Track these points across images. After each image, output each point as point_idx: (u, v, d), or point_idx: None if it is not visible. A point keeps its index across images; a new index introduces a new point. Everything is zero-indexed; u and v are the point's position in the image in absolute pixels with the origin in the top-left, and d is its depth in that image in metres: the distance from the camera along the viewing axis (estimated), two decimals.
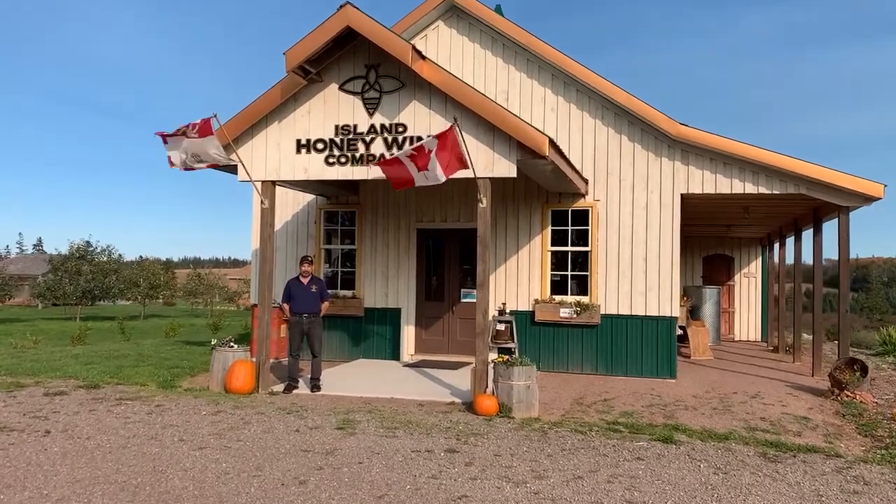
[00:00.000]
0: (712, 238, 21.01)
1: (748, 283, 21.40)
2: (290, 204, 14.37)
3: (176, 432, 7.62)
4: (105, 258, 44.74)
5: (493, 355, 10.85)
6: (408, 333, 13.67)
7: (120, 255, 48.92)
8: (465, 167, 8.85)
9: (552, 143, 9.29)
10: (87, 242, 45.09)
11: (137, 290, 47.51)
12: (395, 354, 13.63)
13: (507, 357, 9.27)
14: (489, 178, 9.48)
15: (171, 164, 9.69)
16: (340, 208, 14.20)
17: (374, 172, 9.96)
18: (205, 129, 9.43)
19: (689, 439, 7.79)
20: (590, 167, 12.54)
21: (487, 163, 9.44)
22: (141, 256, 72.99)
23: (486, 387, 9.24)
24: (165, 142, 9.51)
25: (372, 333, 13.81)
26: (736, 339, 20.99)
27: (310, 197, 14.22)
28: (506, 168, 9.42)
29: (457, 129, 8.58)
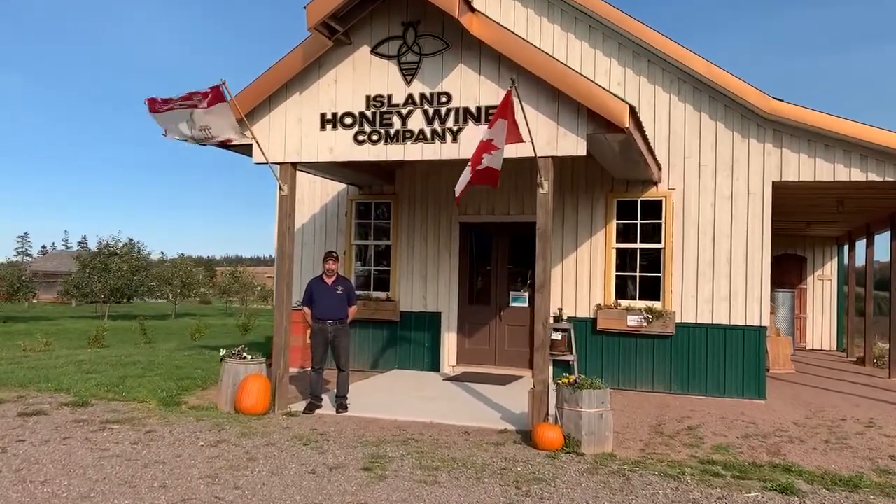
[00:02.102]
0: (783, 236, 18.96)
1: (822, 286, 19.39)
2: (319, 195, 12.84)
3: (159, 473, 6.01)
4: (134, 255, 43.80)
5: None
6: (449, 341, 11.98)
7: (162, 253, 48.32)
8: (521, 140, 7.12)
9: (633, 112, 7.49)
10: (130, 240, 44.39)
11: (169, 287, 46.67)
12: (434, 365, 11.96)
13: (572, 378, 7.51)
14: (552, 158, 7.75)
15: (168, 133, 8.19)
16: (374, 199, 12.59)
17: (411, 153, 8.34)
18: (215, 98, 7.89)
19: (810, 487, 6.14)
20: (663, 150, 10.71)
21: (550, 138, 7.70)
22: (181, 254, 72.65)
23: (547, 413, 7.53)
24: (156, 110, 7.94)
25: (408, 341, 12.16)
26: (808, 347, 19.00)
27: (340, 187, 12.64)
28: (573, 144, 7.68)
29: (514, 91, 6.85)
